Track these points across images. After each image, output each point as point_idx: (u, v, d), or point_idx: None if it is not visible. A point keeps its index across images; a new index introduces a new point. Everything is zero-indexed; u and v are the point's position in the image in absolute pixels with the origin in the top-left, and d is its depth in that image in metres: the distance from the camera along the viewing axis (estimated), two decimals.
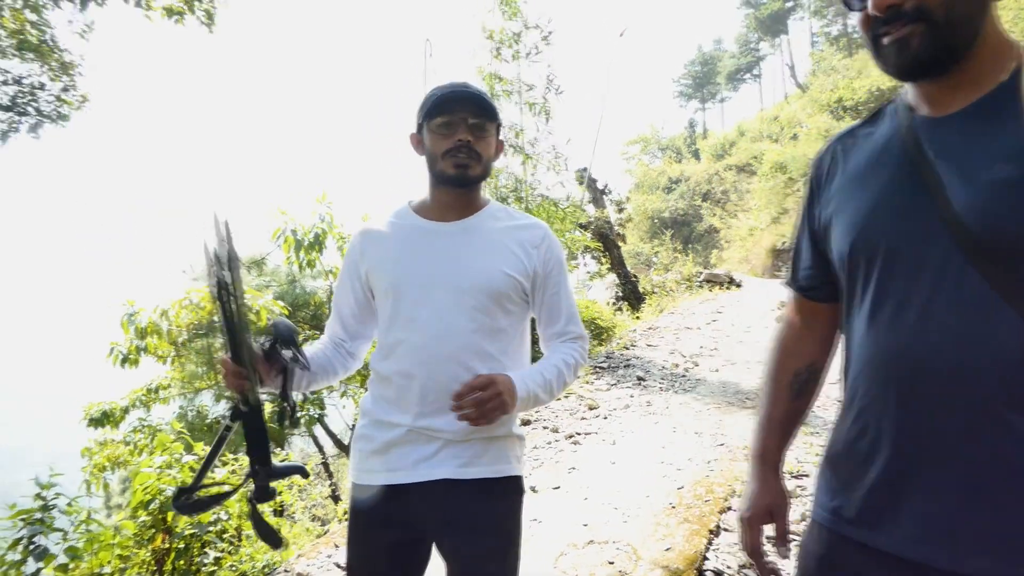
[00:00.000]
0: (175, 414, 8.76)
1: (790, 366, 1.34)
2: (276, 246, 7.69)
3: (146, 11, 8.62)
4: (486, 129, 1.61)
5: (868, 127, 1.16)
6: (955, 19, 0.94)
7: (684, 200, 33.78)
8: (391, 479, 1.57)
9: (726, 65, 62.38)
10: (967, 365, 0.93)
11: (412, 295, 1.58)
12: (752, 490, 1.34)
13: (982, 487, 0.93)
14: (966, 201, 0.93)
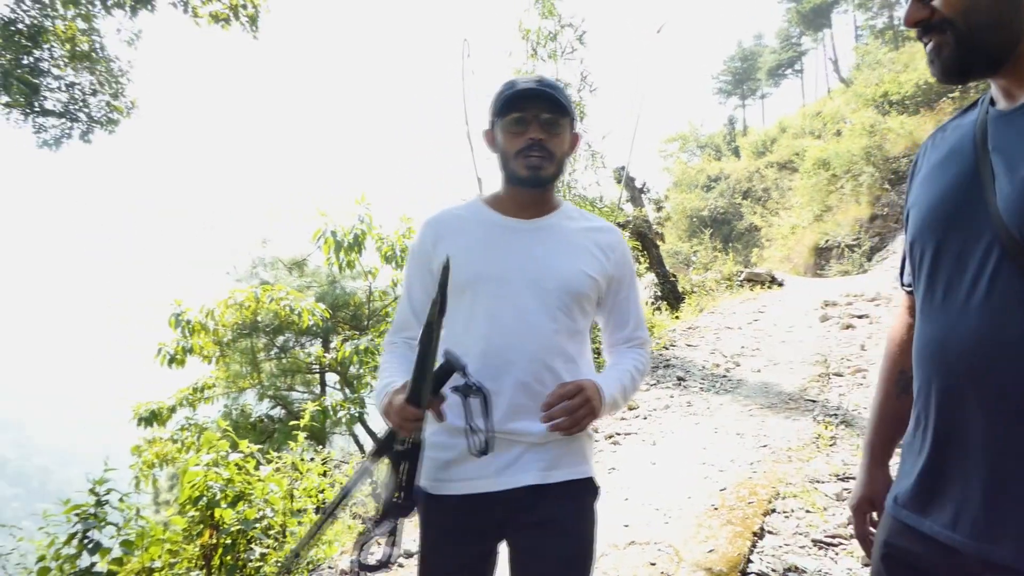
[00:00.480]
0: (220, 413, 8.97)
1: (897, 364, 1.38)
2: (316, 247, 7.81)
3: (194, 17, 8.85)
4: (559, 125, 1.56)
5: (959, 119, 1.18)
6: (978, 26, 0.99)
7: (724, 198, 33.28)
8: (473, 488, 1.51)
9: (767, 60, 61.25)
10: (997, 359, 0.95)
11: (492, 292, 1.53)
12: (858, 482, 1.44)
13: (1008, 478, 0.95)
14: (1006, 196, 0.95)
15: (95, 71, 10.53)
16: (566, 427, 1.42)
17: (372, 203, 7.86)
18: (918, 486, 1.10)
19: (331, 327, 10.15)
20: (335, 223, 7.65)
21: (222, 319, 7.36)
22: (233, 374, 8.96)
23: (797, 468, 4.33)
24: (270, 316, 8.24)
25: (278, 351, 9.88)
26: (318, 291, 10.19)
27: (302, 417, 5.70)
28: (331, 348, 9.97)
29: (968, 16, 0.99)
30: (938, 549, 1.04)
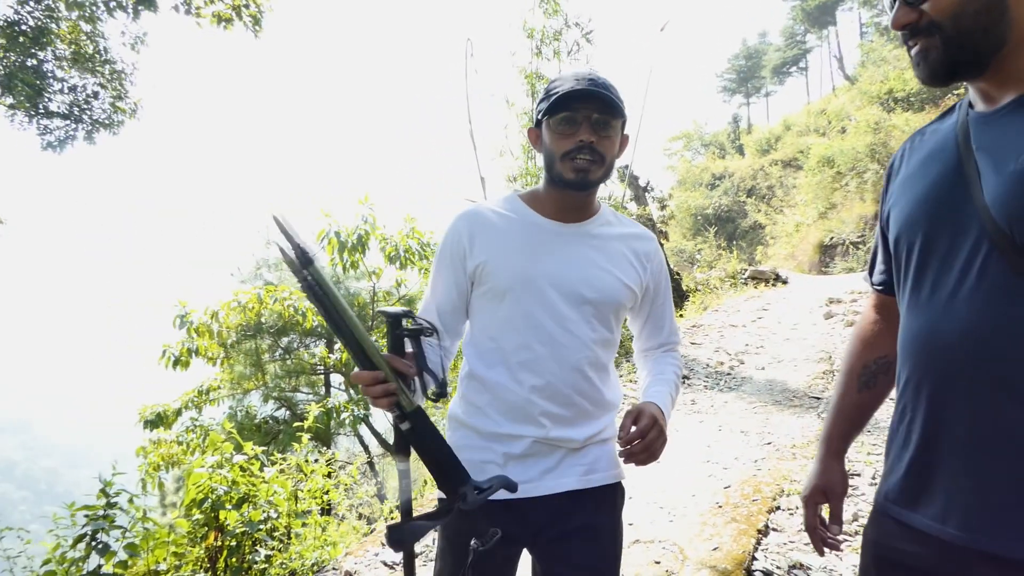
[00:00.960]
0: (225, 414, 8.99)
1: (861, 358, 1.40)
2: (320, 248, 7.82)
3: (196, 18, 8.87)
4: (611, 127, 1.48)
5: (937, 123, 1.21)
6: (965, 29, 1.01)
7: (728, 196, 33.22)
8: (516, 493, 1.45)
9: (771, 58, 61.10)
10: (988, 350, 0.96)
11: (533, 298, 1.49)
12: (811, 473, 1.45)
13: (999, 468, 0.96)
14: (994, 192, 0.97)
15: (99, 73, 10.57)
16: (644, 461, 1.43)
17: (375, 204, 7.86)
18: (906, 480, 1.11)
19: None
20: (339, 224, 7.65)
21: (226, 321, 7.37)
22: (238, 376, 8.98)
23: (801, 465, 4.32)
24: (274, 317, 8.25)
25: (282, 352, 9.89)
26: None
27: (306, 418, 5.71)
28: (335, 349, 9.98)
29: (957, 20, 1.01)
30: (929, 543, 1.05)
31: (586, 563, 1.52)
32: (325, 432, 8.10)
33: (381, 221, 7.87)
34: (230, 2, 8.60)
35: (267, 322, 8.58)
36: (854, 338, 1.44)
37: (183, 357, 7.24)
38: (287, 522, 4.02)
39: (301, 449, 5.01)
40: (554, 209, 1.56)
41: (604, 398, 1.58)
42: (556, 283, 1.49)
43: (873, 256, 1.39)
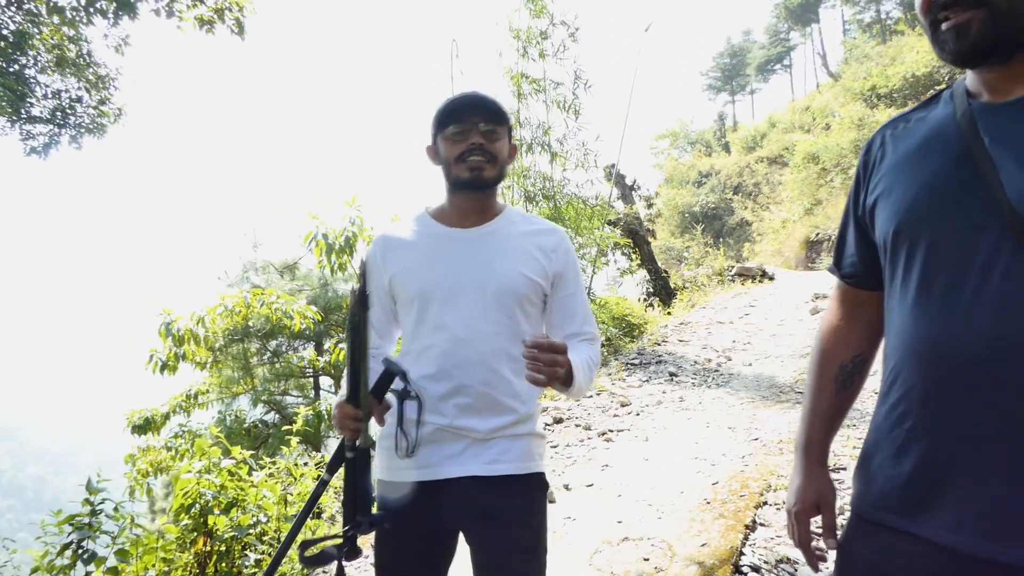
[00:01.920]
0: (214, 419, 8.94)
1: (836, 358, 1.33)
2: (308, 250, 7.78)
3: (178, 22, 8.81)
4: (498, 133, 1.65)
5: (922, 111, 1.16)
6: (1017, 8, 0.94)
7: (715, 194, 33.37)
8: (422, 476, 1.61)
9: (756, 56, 61.40)
10: (1013, 351, 0.92)
11: (438, 301, 1.61)
12: (799, 483, 1.34)
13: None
14: (1019, 186, 0.92)
15: (82, 77, 10.49)
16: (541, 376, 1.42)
17: (363, 205, 7.83)
18: (908, 487, 1.04)
19: (324, 330, 10.13)
20: (326, 226, 7.61)
21: (213, 325, 7.32)
22: (226, 380, 8.93)
23: (788, 460, 4.36)
24: (262, 320, 8.22)
25: (271, 355, 9.85)
26: (310, 294, 10.16)
27: (295, 422, 5.70)
28: (324, 351, 9.96)
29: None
30: (935, 554, 1.00)
31: (497, 551, 1.59)
32: (315, 435, 8.07)
33: (369, 223, 7.85)
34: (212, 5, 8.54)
35: (255, 325, 8.54)
36: (825, 337, 1.36)
37: (170, 362, 7.19)
38: (277, 526, 4.01)
39: (291, 452, 4.99)
40: (456, 216, 1.70)
41: (515, 388, 1.63)
42: (456, 286, 1.61)
43: (840, 247, 1.32)
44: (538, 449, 1.69)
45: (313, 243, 7.47)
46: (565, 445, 5.26)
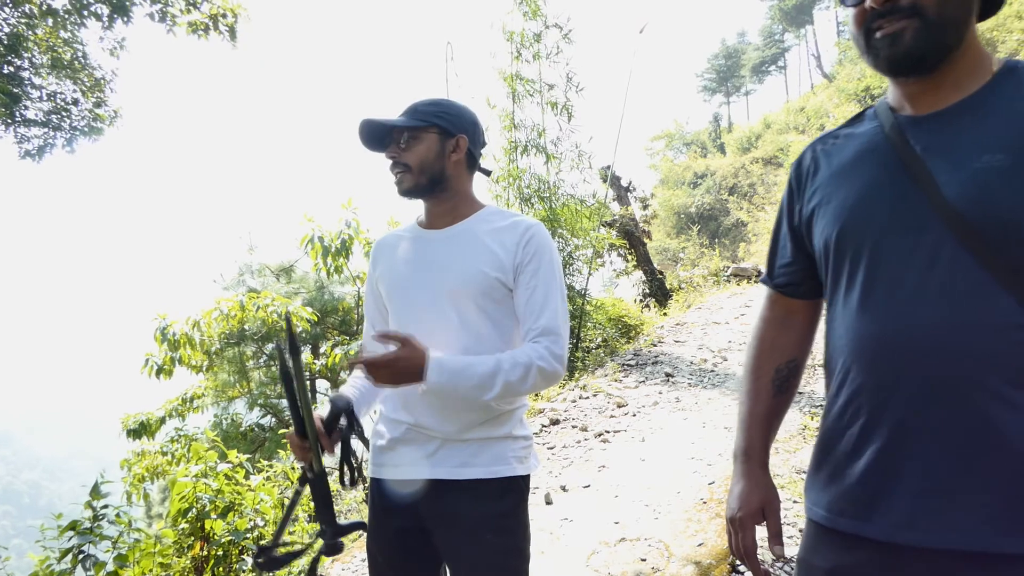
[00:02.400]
0: (210, 423, 8.92)
1: (771, 363, 1.35)
2: (304, 253, 7.78)
3: (171, 27, 8.80)
4: (411, 139, 1.66)
5: (848, 128, 1.22)
6: (946, 18, 1.00)
7: (710, 194, 33.43)
8: (395, 474, 1.67)
9: (750, 57, 61.56)
10: (965, 345, 0.96)
11: (401, 301, 1.70)
12: (741, 489, 1.31)
13: (982, 464, 0.95)
14: (958, 189, 0.98)
15: (77, 80, 10.46)
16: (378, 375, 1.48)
17: (359, 208, 7.84)
18: (859, 488, 1.06)
19: (320, 333, 10.13)
20: (322, 228, 7.62)
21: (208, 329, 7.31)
22: (222, 383, 8.92)
23: (784, 459, 4.37)
24: (258, 324, 8.21)
25: (267, 359, 9.84)
26: (306, 297, 10.15)
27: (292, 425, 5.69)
28: (321, 354, 9.95)
29: (942, 6, 1.00)
30: (888, 553, 1.02)
31: (463, 557, 1.61)
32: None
33: (365, 225, 7.86)
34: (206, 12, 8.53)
35: (251, 329, 8.54)
36: (758, 343, 1.38)
37: (166, 366, 7.19)
38: (274, 530, 4.01)
39: (287, 456, 4.99)
40: (429, 220, 1.76)
41: None
42: (415, 285, 1.67)
43: (774, 258, 1.36)
44: (516, 452, 1.66)
45: (309, 246, 7.48)
46: (562, 446, 5.27)
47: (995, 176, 0.96)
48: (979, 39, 1.07)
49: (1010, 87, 1.03)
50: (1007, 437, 0.94)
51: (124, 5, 8.75)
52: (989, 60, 1.07)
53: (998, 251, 0.95)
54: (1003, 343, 0.94)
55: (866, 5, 1.05)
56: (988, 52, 1.09)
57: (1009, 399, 0.94)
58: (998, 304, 0.95)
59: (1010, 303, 0.94)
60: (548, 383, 1.62)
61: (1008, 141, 0.97)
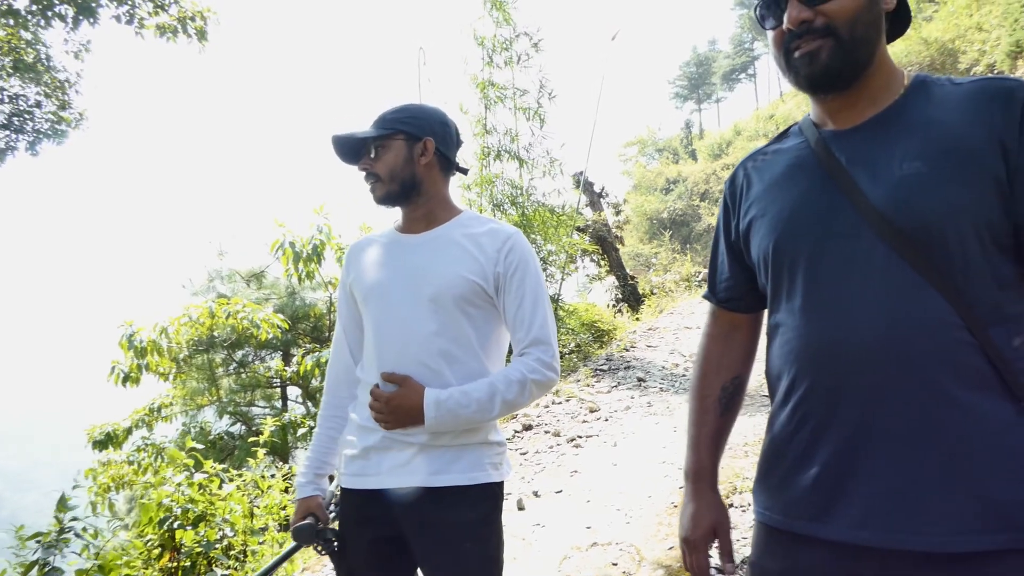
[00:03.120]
0: (178, 431, 8.78)
1: (717, 382, 1.36)
2: (275, 258, 7.71)
3: (138, 30, 8.68)
4: (380, 149, 1.68)
5: (776, 144, 1.27)
6: (857, 38, 1.07)
7: (682, 200, 33.82)
8: (368, 483, 1.64)
9: (721, 65, 62.51)
10: (906, 346, 0.99)
11: (378, 304, 1.68)
12: (693, 510, 1.33)
13: (930, 463, 0.98)
14: (883, 197, 1.03)
15: (41, 82, 10.26)
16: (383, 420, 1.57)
17: (331, 213, 7.79)
18: (814, 492, 1.08)
19: (291, 339, 10.02)
20: (293, 234, 7.56)
21: (176, 336, 7.20)
22: (191, 391, 8.78)
23: (753, 463, 4.41)
24: (227, 330, 8.11)
25: (237, 366, 9.72)
26: (277, 303, 10.04)
27: (262, 433, 5.63)
28: (292, 361, 9.85)
29: (853, 27, 1.06)
30: (842, 554, 1.04)
31: (440, 564, 1.61)
32: (282, 446, 7.97)
33: (337, 230, 7.81)
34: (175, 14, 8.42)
35: (220, 335, 8.42)
36: (703, 362, 1.39)
37: (132, 374, 7.06)
38: (243, 540, 3.96)
39: (257, 464, 4.93)
40: (407, 225, 1.77)
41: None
42: (394, 287, 1.66)
43: (715, 274, 1.39)
44: (490, 458, 1.66)
45: (280, 251, 7.41)
46: (535, 452, 5.28)
47: (915, 183, 1.01)
48: (888, 56, 1.13)
49: (921, 99, 1.09)
50: (952, 435, 0.97)
51: (90, 6, 8.60)
52: (901, 75, 1.14)
53: (925, 254, 0.99)
54: (941, 342, 0.98)
55: (784, 27, 1.10)
56: (899, 68, 1.14)
57: (952, 397, 0.97)
58: (932, 304, 0.98)
59: (943, 303, 0.98)
60: (544, 391, 1.67)
61: (923, 150, 1.02)
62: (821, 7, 1.06)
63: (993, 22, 13.63)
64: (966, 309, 0.98)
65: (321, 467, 1.77)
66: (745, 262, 1.29)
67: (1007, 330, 0.99)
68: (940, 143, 1.02)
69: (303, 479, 1.75)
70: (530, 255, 1.70)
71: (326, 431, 1.79)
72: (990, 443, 0.96)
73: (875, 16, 1.09)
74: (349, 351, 1.81)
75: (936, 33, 18.18)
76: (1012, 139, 0.99)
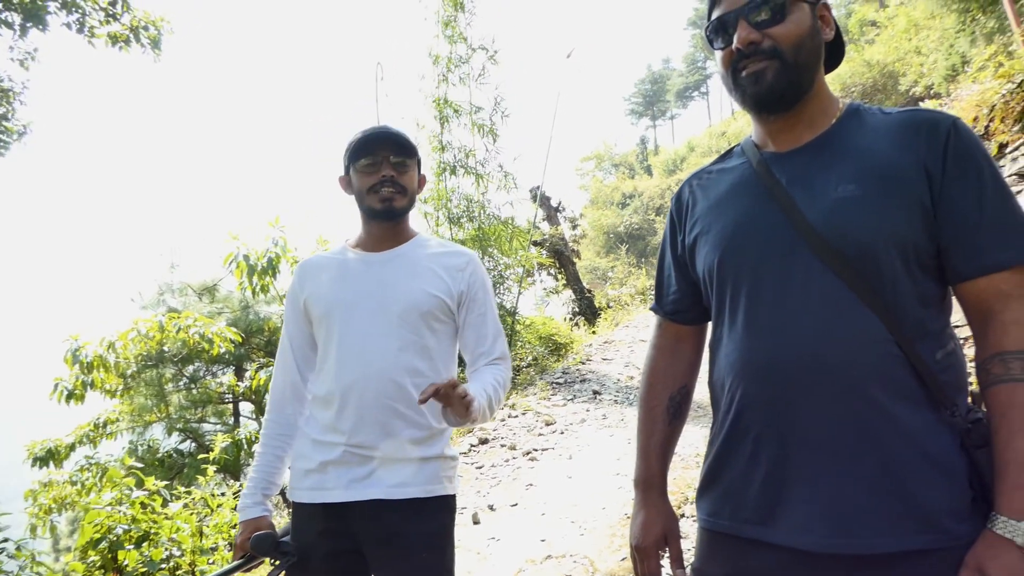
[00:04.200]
0: (124, 449, 8.52)
1: (664, 392, 1.40)
2: (228, 272, 7.59)
3: (90, 38, 8.48)
4: (407, 165, 1.74)
5: (720, 164, 1.34)
6: (800, 63, 1.14)
7: (638, 215, 34.34)
8: (327, 497, 1.63)
9: (675, 83, 63.89)
10: (841, 359, 1.04)
11: (342, 318, 1.68)
12: (644, 518, 1.36)
13: (863, 471, 1.03)
14: (820, 216, 1.09)
15: None
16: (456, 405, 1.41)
17: (287, 226, 7.70)
18: (761, 497, 1.11)
19: (245, 354, 9.86)
20: (248, 247, 7.45)
21: (124, 351, 7.01)
22: (138, 407, 8.55)
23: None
24: (178, 345, 7.92)
25: (187, 381, 9.50)
26: (230, 317, 9.87)
27: (213, 450, 5.52)
28: (245, 376, 9.67)
29: (797, 51, 1.13)
30: (786, 558, 1.08)
31: (398, 572, 1.61)
32: (234, 463, 7.80)
33: (293, 243, 7.72)
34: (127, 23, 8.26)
35: (170, 350, 8.23)
36: (651, 373, 1.42)
37: (77, 390, 6.83)
38: (192, 559, 3.87)
39: (207, 482, 4.83)
40: (370, 243, 1.79)
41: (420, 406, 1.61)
42: (360, 303, 1.68)
43: (661, 287, 1.43)
44: (447, 472, 1.70)
45: (234, 264, 7.29)
46: (491, 465, 5.29)
47: (850, 205, 1.07)
48: (825, 84, 1.20)
49: (853, 126, 1.16)
50: (882, 443, 1.02)
51: (39, 14, 8.38)
52: (836, 102, 1.21)
53: (858, 272, 1.05)
54: (873, 356, 1.03)
55: (733, 47, 1.16)
56: (835, 96, 1.21)
57: (883, 407, 1.02)
58: (864, 321, 1.04)
59: (874, 319, 1.03)
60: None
61: (856, 174, 1.09)
62: (768, 30, 1.13)
63: (931, 46, 14.24)
64: (895, 325, 1.03)
65: (268, 487, 1.74)
66: (691, 276, 1.33)
67: (930, 345, 1.05)
68: (872, 168, 1.08)
69: (249, 500, 1.72)
70: (486, 276, 1.82)
71: (272, 450, 1.76)
72: (915, 450, 1.01)
73: (817, 44, 1.16)
74: (297, 368, 1.79)
75: (878, 56, 18.97)
76: (936, 167, 1.06)
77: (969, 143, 1.07)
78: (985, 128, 5.32)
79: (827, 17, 1.19)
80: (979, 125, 5.40)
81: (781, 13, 1.13)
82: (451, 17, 9.12)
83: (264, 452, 1.76)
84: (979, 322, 1.07)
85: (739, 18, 1.15)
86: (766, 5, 1.13)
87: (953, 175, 1.05)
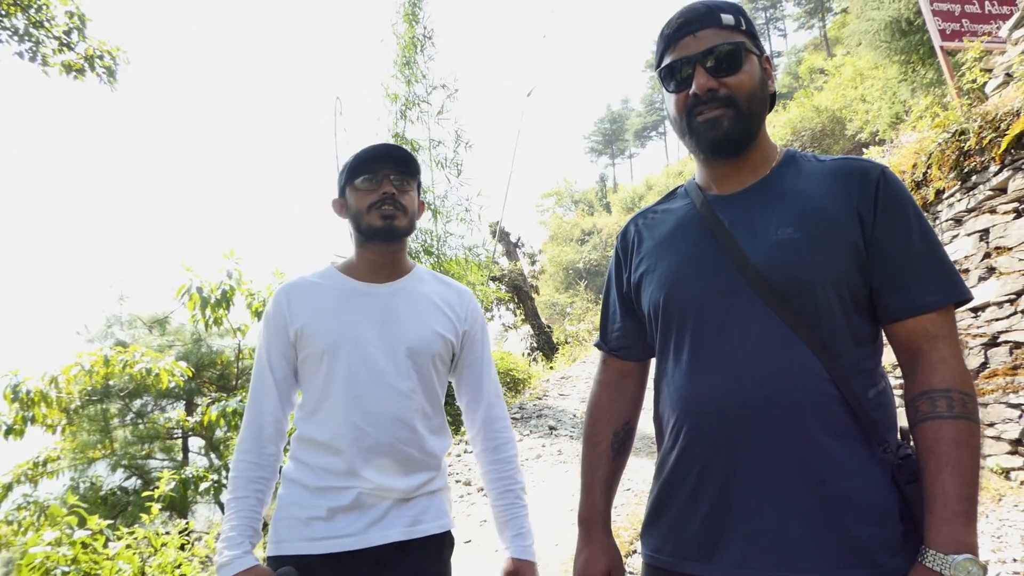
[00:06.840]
0: (65, 487, 8.20)
1: (608, 428, 1.42)
2: (181, 304, 7.45)
3: (43, 67, 8.37)
4: (408, 185, 1.66)
5: (665, 204, 1.39)
6: (752, 111, 1.20)
7: (597, 251, 34.79)
8: (341, 546, 1.50)
9: (633, 123, 65.47)
10: (780, 396, 1.08)
11: (349, 356, 1.55)
12: (588, 555, 1.36)
13: (803, 506, 1.06)
14: (762, 257, 1.13)
15: None
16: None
17: (242, 258, 7.62)
18: (702, 533, 1.13)
19: (196, 388, 9.62)
20: (201, 279, 7.33)
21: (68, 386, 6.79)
22: (81, 444, 8.26)
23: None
24: (125, 379, 7.71)
25: (134, 416, 9.22)
26: (181, 350, 9.65)
27: (158, 487, 5.37)
28: (196, 411, 9.43)
29: (750, 100, 1.19)
30: None
31: None
32: (182, 501, 7.58)
33: (248, 276, 7.63)
34: (82, 52, 8.18)
35: (116, 385, 8.00)
36: (595, 409, 1.45)
37: (16, 426, 6.58)
38: None
39: (152, 521, 4.69)
40: (367, 271, 1.68)
41: (430, 446, 1.61)
42: (371, 339, 1.58)
43: (606, 323, 1.46)
44: (449, 503, 1.69)
45: (186, 296, 7.16)
46: None
47: (789, 247, 1.12)
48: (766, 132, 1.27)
49: (791, 172, 1.23)
50: (819, 478, 1.05)
51: None
52: (775, 149, 1.28)
53: (797, 311, 1.09)
54: (811, 393, 1.07)
55: (691, 91, 1.20)
56: (773, 143, 1.28)
57: (819, 443, 1.06)
58: (803, 359, 1.08)
59: (812, 357, 1.08)
60: None
61: (795, 217, 1.14)
62: (725, 79, 1.18)
63: (875, 94, 14.91)
64: (831, 363, 1.08)
65: (253, 536, 1.55)
66: (635, 312, 1.36)
67: (863, 382, 1.10)
68: (809, 212, 1.14)
69: (239, 550, 1.49)
70: (483, 314, 1.80)
71: (254, 494, 1.56)
72: (850, 485, 1.05)
73: (765, 95, 1.23)
74: (280, 403, 1.63)
75: (826, 102, 19.82)
76: (868, 212, 1.12)
77: (898, 191, 1.15)
78: (924, 175, 5.59)
79: (768, 70, 1.26)
80: (918, 172, 5.67)
81: (737, 63, 1.19)
82: (410, 59, 9.26)
83: (245, 496, 1.55)
84: (908, 361, 1.12)
85: (696, 65, 1.19)
86: (723, 54, 1.19)
87: (883, 220, 1.12)
